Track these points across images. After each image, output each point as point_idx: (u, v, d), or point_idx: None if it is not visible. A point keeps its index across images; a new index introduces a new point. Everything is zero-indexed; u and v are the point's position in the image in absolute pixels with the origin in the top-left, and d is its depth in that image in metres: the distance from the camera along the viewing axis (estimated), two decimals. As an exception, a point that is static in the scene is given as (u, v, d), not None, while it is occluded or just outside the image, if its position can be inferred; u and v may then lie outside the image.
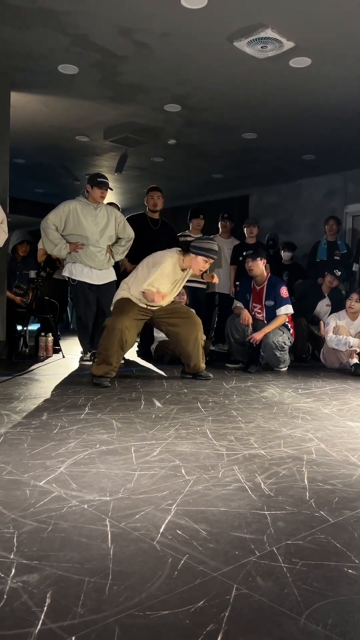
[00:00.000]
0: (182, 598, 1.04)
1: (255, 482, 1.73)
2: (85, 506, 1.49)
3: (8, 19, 3.74)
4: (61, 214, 4.53)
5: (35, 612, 0.98)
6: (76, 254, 4.59)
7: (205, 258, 3.79)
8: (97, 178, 4.63)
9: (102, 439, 2.20)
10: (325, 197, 7.62)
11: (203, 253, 3.78)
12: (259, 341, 4.61)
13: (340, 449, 2.18)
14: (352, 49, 3.99)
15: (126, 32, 3.85)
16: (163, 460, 1.94)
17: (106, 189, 4.64)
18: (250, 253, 4.86)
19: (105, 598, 1.03)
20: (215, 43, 3.96)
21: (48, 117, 5.67)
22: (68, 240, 4.59)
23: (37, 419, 2.55)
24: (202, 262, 3.80)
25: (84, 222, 4.56)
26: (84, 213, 4.57)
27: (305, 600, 1.04)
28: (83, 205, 4.59)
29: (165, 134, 6.09)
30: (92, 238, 4.58)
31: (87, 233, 4.56)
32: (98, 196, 4.62)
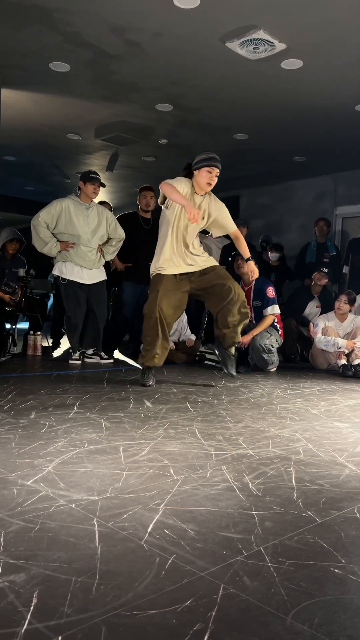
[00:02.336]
0: (169, 598, 1.04)
1: (243, 482, 1.74)
2: (73, 505, 1.48)
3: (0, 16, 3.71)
4: (53, 212, 4.52)
5: (21, 612, 0.97)
6: (67, 253, 4.58)
7: (207, 168, 3.52)
8: (90, 174, 4.64)
9: (91, 439, 2.20)
10: (316, 199, 7.66)
11: (202, 164, 3.53)
12: (247, 344, 4.63)
13: (327, 449, 2.19)
14: (342, 53, 4.02)
15: (119, 31, 3.84)
16: (151, 459, 1.94)
17: (99, 184, 4.64)
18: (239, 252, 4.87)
19: (92, 598, 1.03)
20: (208, 43, 3.97)
21: (39, 114, 5.64)
22: (59, 239, 4.58)
23: (25, 417, 2.53)
24: (205, 174, 3.52)
25: (75, 221, 4.55)
26: (75, 212, 4.56)
27: (291, 600, 1.05)
28: (75, 204, 4.58)
29: (156, 134, 6.09)
30: (84, 237, 4.57)
31: (78, 232, 4.55)
32: (91, 192, 4.62)
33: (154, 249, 3.88)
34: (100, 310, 4.80)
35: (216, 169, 3.54)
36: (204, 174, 3.53)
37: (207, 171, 3.52)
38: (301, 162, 6.94)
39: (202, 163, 3.53)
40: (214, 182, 3.57)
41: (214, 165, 3.52)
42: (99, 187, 4.67)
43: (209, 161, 3.52)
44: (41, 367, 4.49)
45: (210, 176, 3.53)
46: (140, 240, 5.15)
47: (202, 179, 3.54)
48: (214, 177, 3.55)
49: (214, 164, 3.53)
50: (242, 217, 8.09)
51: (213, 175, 3.53)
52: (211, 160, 3.53)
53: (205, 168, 3.52)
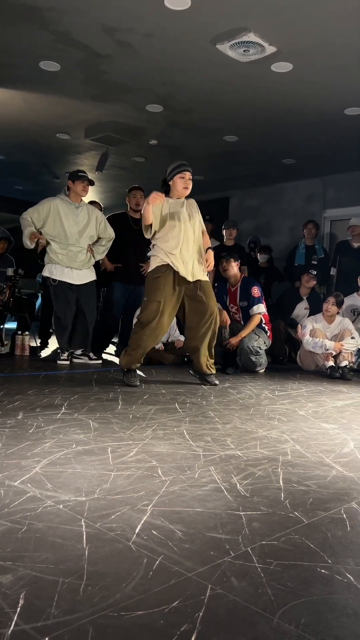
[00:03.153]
0: (156, 598, 1.04)
1: (231, 482, 1.74)
2: (61, 506, 1.48)
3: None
4: (40, 210, 4.51)
5: (8, 613, 0.97)
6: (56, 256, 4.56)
7: (179, 175, 3.74)
8: (78, 173, 4.65)
9: (79, 439, 2.19)
10: (305, 202, 7.71)
11: (174, 173, 3.75)
12: (235, 346, 4.65)
13: (315, 450, 2.20)
14: (332, 57, 4.05)
15: (110, 31, 3.83)
16: (140, 460, 1.94)
17: (87, 183, 4.65)
18: (225, 254, 4.92)
19: (80, 599, 1.02)
20: (198, 45, 3.97)
21: (29, 113, 5.61)
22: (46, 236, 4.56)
23: (13, 418, 2.52)
24: (179, 180, 3.74)
25: (64, 221, 4.54)
26: (65, 212, 4.55)
27: (278, 600, 1.05)
28: (64, 204, 4.58)
29: (147, 134, 6.08)
30: (72, 237, 4.56)
31: (67, 232, 4.54)
32: (80, 190, 4.62)
33: (144, 249, 3.89)
34: (89, 310, 4.79)
35: (187, 173, 3.78)
36: (178, 181, 3.77)
37: (179, 177, 3.77)
38: (290, 165, 6.97)
39: (174, 172, 3.78)
40: (189, 185, 3.80)
41: (184, 171, 3.77)
42: (88, 185, 4.67)
43: (178, 168, 3.77)
44: (29, 367, 4.46)
45: (184, 181, 3.77)
46: (129, 240, 5.15)
47: (178, 186, 3.78)
48: (188, 181, 3.79)
49: (184, 169, 3.77)
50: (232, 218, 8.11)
51: (187, 179, 3.78)
52: (180, 166, 3.78)
53: (177, 176, 3.77)
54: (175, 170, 3.77)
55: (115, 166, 7.49)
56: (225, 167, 7.30)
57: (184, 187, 3.77)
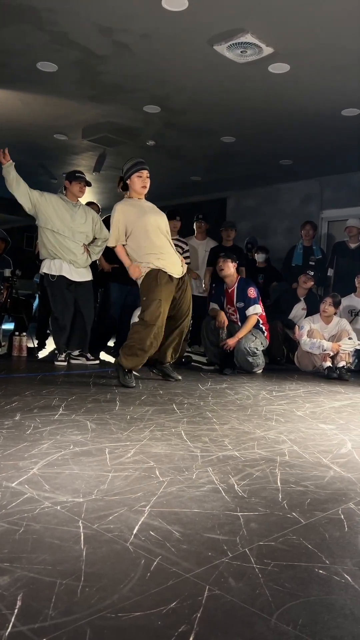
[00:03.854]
0: (154, 599, 1.04)
1: (229, 483, 1.74)
2: (58, 507, 1.47)
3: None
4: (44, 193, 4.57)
5: (5, 615, 0.97)
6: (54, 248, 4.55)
7: (136, 174, 3.72)
8: (75, 173, 4.67)
9: (76, 440, 2.19)
10: (302, 202, 7.72)
11: (131, 172, 3.73)
12: (232, 347, 4.65)
13: (312, 451, 2.20)
14: (329, 58, 4.06)
15: (106, 31, 3.84)
16: (137, 461, 1.94)
17: (84, 183, 4.66)
18: (223, 254, 4.93)
19: (77, 600, 1.02)
20: (196, 46, 3.98)
21: (26, 114, 5.61)
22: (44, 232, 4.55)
23: (10, 419, 2.51)
24: (137, 179, 3.73)
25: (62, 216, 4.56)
26: (63, 207, 4.58)
27: (276, 601, 1.05)
28: (62, 201, 4.61)
29: (144, 135, 6.09)
30: (69, 231, 4.58)
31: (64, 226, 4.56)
32: (77, 191, 4.64)
33: None
34: (87, 311, 4.79)
35: (144, 171, 3.74)
36: (135, 180, 3.74)
37: (137, 177, 3.74)
38: (288, 166, 6.98)
39: (130, 171, 3.74)
40: (147, 183, 3.76)
41: (141, 169, 3.73)
42: (85, 186, 4.68)
43: (135, 167, 3.73)
44: (26, 368, 4.46)
45: (142, 179, 3.74)
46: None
47: (136, 185, 3.75)
48: (146, 179, 3.75)
49: (141, 167, 3.73)
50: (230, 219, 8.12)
51: (144, 178, 3.74)
52: (137, 165, 3.73)
53: (134, 175, 3.73)
54: (133, 169, 3.72)
55: (112, 167, 7.49)
56: (222, 168, 7.30)
57: (142, 187, 3.74)
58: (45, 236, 4.58)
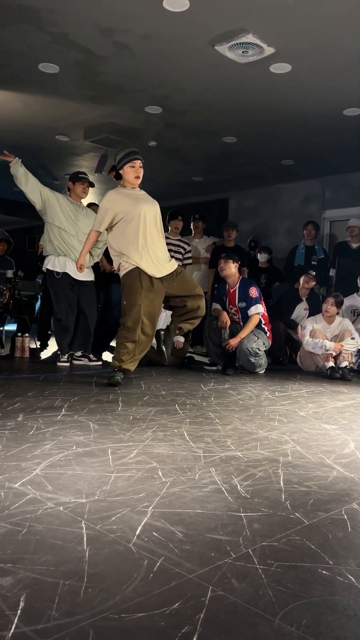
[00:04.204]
0: (157, 600, 1.03)
1: (232, 484, 1.74)
2: (61, 508, 1.47)
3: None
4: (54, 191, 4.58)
5: (8, 616, 0.96)
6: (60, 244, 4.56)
7: (129, 164, 3.67)
8: (79, 174, 4.70)
9: (79, 441, 2.19)
10: (303, 202, 7.71)
11: (124, 162, 3.68)
12: (234, 347, 4.65)
13: (315, 451, 2.20)
14: (331, 57, 4.05)
15: (107, 32, 3.84)
16: (140, 462, 1.94)
17: (88, 184, 4.68)
18: (224, 255, 4.93)
19: (80, 601, 1.02)
20: (197, 46, 3.98)
21: (27, 115, 5.61)
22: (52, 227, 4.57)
23: (13, 420, 2.51)
24: (129, 169, 3.67)
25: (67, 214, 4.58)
26: (68, 207, 4.60)
27: (279, 602, 1.05)
28: (67, 201, 4.63)
29: (145, 136, 6.09)
30: (73, 230, 4.59)
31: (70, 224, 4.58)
32: (80, 191, 4.66)
33: None
34: (91, 312, 4.79)
35: (138, 161, 3.68)
36: (128, 170, 3.68)
37: (130, 167, 3.68)
38: (289, 166, 6.98)
39: (123, 161, 3.67)
40: (140, 173, 3.70)
41: (134, 159, 3.66)
42: (88, 186, 4.70)
43: (128, 157, 3.67)
44: (29, 369, 4.46)
45: (135, 169, 3.68)
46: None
47: (129, 176, 3.69)
48: (139, 169, 3.69)
49: (134, 157, 3.67)
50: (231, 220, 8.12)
51: (137, 168, 3.68)
52: (130, 155, 3.67)
53: (127, 165, 3.67)
54: (125, 159, 3.67)
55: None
56: (224, 169, 7.30)
57: (135, 177, 3.69)
58: (52, 232, 4.59)
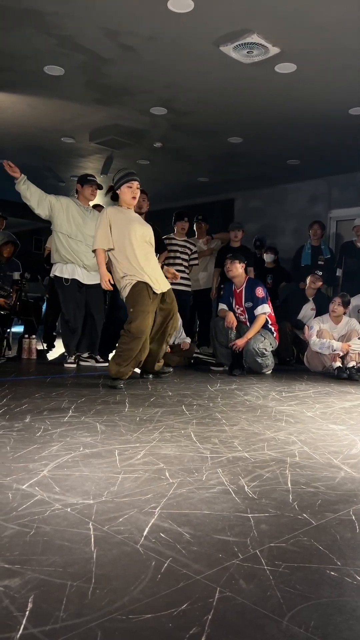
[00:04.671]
0: (165, 601, 1.03)
1: (239, 484, 1.74)
2: (68, 509, 1.48)
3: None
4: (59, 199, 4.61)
5: (16, 617, 0.97)
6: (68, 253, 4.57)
7: (126, 184, 3.75)
8: (87, 177, 4.72)
9: (86, 442, 2.19)
10: (310, 202, 7.69)
11: (121, 182, 3.76)
12: (241, 347, 4.64)
13: (323, 451, 2.19)
14: (336, 56, 4.04)
15: (112, 34, 3.85)
16: (147, 463, 1.94)
17: (96, 187, 4.70)
18: (230, 255, 4.93)
19: (88, 602, 1.02)
20: (202, 47, 3.98)
21: (33, 118, 5.64)
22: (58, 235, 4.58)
23: (20, 421, 2.52)
24: (126, 190, 3.76)
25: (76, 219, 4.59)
26: (77, 211, 4.62)
27: (287, 603, 1.05)
28: (76, 205, 4.65)
29: (151, 137, 6.10)
30: (82, 235, 4.61)
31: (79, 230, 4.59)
32: (88, 194, 4.68)
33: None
34: (98, 313, 4.81)
35: (135, 182, 3.75)
36: (125, 191, 3.76)
37: (127, 187, 3.75)
38: (295, 166, 6.96)
39: (121, 182, 3.76)
40: (137, 194, 3.79)
41: (131, 180, 3.74)
42: (97, 189, 4.71)
43: (125, 178, 3.75)
44: (36, 370, 4.47)
45: (132, 190, 3.75)
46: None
47: (125, 196, 3.77)
48: (136, 190, 3.77)
49: (131, 178, 3.74)
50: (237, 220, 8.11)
51: (134, 189, 3.76)
52: (127, 176, 3.75)
53: (124, 185, 3.75)
54: (123, 180, 3.76)
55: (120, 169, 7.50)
56: (229, 169, 7.30)
57: (132, 197, 3.78)
58: (59, 240, 4.61)
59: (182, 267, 5.66)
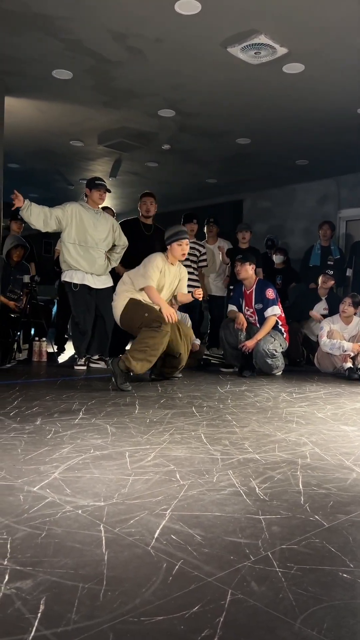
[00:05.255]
0: (176, 603, 1.03)
1: (250, 486, 1.73)
2: (80, 511, 1.48)
3: (2, 24, 3.74)
4: (65, 210, 4.60)
5: (28, 619, 0.97)
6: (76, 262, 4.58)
7: (177, 242, 3.98)
8: (95, 181, 4.71)
9: (96, 444, 2.20)
10: (319, 202, 7.66)
11: (172, 239, 4.00)
12: (251, 349, 4.63)
13: (334, 453, 2.18)
14: (344, 56, 4.02)
15: (120, 37, 3.86)
16: (157, 465, 1.94)
17: (105, 190, 4.70)
18: (240, 257, 4.91)
19: (99, 604, 1.02)
20: (209, 49, 3.98)
21: (42, 122, 5.67)
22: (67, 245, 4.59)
23: (31, 424, 2.53)
24: (177, 247, 4.00)
25: (86, 226, 4.60)
26: (86, 217, 4.62)
27: (299, 605, 1.04)
28: (85, 210, 4.65)
29: (159, 139, 6.11)
30: (93, 241, 4.62)
31: (89, 237, 4.60)
32: (97, 198, 4.68)
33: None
34: (108, 316, 4.81)
35: (184, 240, 4.02)
36: (175, 247, 4.01)
37: (177, 244, 4.00)
38: (304, 166, 6.94)
39: (172, 239, 4.02)
40: (186, 251, 4.06)
41: (182, 239, 4.00)
42: (105, 193, 4.72)
43: (176, 236, 4.00)
44: (46, 373, 4.49)
45: (182, 247, 4.02)
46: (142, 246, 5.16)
47: (176, 253, 4.03)
48: (185, 247, 4.03)
49: (182, 237, 4.01)
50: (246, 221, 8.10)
51: (184, 246, 4.02)
52: (178, 234, 4.01)
53: (175, 243, 4.00)
54: (174, 238, 4.00)
55: (128, 172, 7.53)
56: (238, 170, 7.29)
57: (182, 254, 4.02)
58: (67, 251, 4.61)
59: (190, 268, 5.66)
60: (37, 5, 3.50)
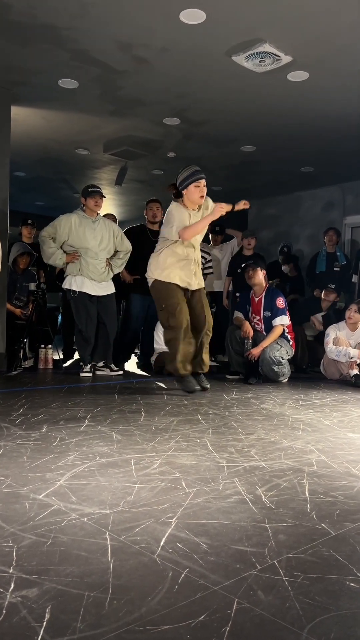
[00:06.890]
0: (182, 612, 1.03)
1: (256, 494, 1.72)
2: (85, 519, 1.48)
3: (9, 34, 3.78)
4: (57, 226, 4.61)
5: (34, 628, 0.97)
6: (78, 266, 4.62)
7: (194, 183, 3.68)
8: (89, 189, 4.72)
9: (102, 452, 2.19)
10: (324, 209, 7.66)
11: (188, 181, 3.69)
12: (257, 356, 4.62)
13: (341, 460, 2.17)
14: (348, 63, 4.04)
15: (126, 47, 3.89)
16: (163, 472, 1.93)
17: (99, 196, 4.70)
18: (252, 262, 4.90)
19: (105, 613, 1.02)
20: (214, 57, 4.01)
21: (48, 130, 5.71)
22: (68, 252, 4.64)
23: (37, 431, 2.54)
24: (194, 189, 3.68)
25: (84, 235, 4.61)
26: (84, 226, 4.62)
27: (307, 615, 1.03)
28: (82, 219, 4.65)
29: (164, 147, 6.14)
30: (92, 250, 4.62)
31: (87, 245, 4.61)
32: (93, 205, 4.69)
33: None
34: (110, 322, 4.82)
35: (202, 180, 3.68)
36: (192, 190, 3.68)
37: (194, 186, 3.67)
38: (309, 173, 6.95)
39: (188, 181, 3.68)
40: (204, 192, 3.71)
41: (199, 179, 3.67)
42: (101, 199, 4.73)
43: (192, 176, 3.67)
44: (52, 380, 4.50)
45: (199, 189, 3.68)
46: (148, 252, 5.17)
47: (193, 195, 3.69)
48: (203, 188, 3.69)
49: (198, 176, 3.67)
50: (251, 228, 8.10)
51: (201, 187, 3.68)
52: (194, 174, 3.68)
53: (192, 185, 3.67)
54: (190, 179, 3.68)
55: (134, 180, 7.56)
56: (243, 177, 7.31)
57: (201, 196, 3.71)
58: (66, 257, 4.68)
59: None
60: (44, 16, 3.53)
